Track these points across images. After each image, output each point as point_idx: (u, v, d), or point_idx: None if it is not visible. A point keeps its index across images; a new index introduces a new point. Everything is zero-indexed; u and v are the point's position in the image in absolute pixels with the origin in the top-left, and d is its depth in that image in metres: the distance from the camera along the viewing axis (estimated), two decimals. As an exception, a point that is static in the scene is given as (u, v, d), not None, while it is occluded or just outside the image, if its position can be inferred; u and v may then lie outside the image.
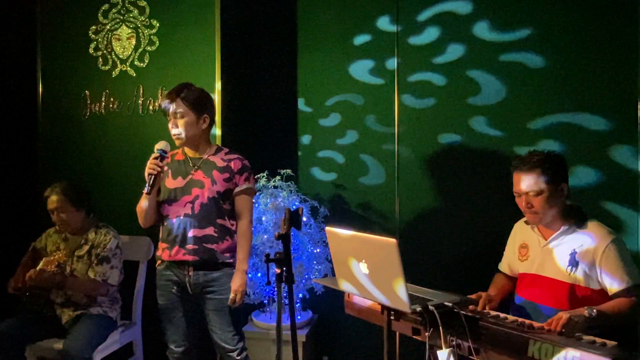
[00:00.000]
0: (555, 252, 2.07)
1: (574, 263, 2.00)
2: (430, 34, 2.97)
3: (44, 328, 2.61)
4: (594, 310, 1.76)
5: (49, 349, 2.56)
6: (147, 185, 2.25)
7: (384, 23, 3.06)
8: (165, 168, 2.40)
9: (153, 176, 2.24)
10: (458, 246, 2.93)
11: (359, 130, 3.14)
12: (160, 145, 2.29)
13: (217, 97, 2.93)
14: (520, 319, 1.78)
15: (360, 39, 3.12)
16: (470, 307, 1.89)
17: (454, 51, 2.92)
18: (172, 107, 2.32)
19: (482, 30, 2.86)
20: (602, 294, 1.97)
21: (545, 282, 2.08)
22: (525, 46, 2.78)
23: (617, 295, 1.92)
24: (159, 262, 2.43)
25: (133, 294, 2.89)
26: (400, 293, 1.62)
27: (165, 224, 2.39)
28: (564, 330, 1.66)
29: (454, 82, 2.93)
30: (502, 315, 1.84)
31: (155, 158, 2.26)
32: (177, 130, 2.33)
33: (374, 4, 3.08)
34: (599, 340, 1.55)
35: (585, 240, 2.00)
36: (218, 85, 2.94)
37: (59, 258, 2.52)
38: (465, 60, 2.90)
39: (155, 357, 2.83)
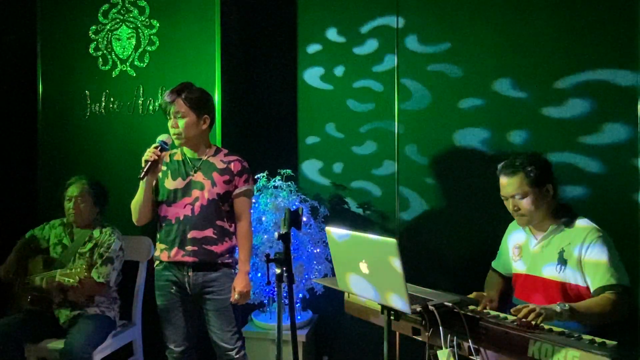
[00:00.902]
0: (545, 252, 2.09)
1: (562, 261, 2.02)
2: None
3: (43, 328, 2.61)
4: (566, 306, 1.78)
5: (48, 349, 2.56)
6: (142, 170, 2.24)
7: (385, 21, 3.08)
8: (164, 168, 2.40)
9: (149, 163, 2.23)
10: (458, 246, 2.93)
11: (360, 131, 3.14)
12: (162, 137, 2.30)
13: (217, 97, 2.93)
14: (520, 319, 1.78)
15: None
16: (471, 307, 1.89)
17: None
18: (172, 107, 2.32)
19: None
20: None
21: (537, 281, 2.10)
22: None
23: (597, 292, 1.92)
24: (157, 262, 2.43)
25: (133, 294, 2.88)
26: (400, 293, 1.62)
27: (164, 224, 2.38)
28: (533, 322, 1.67)
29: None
30: (502, 315, 1.84)
31: (156, 147, 2.26)
32: (177, 130, 2.32)
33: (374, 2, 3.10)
34: (598, 340, 1.55)
35: (573, 238, 2.02)
36: (218, 86, 2.94)
37: (79, 273, 2.47)
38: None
39: (155, 357, 2.83)
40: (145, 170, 2.23)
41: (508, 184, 2.09)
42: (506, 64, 2.84)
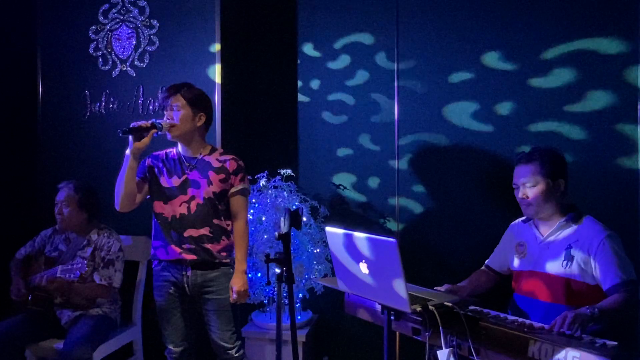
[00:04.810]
0: (551, 248, 2.10)
1: (569, 258, 2.03)
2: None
3: (44, 328, 2.61)
4: (596, 309, 1.77)
5: (49, 349, 2.56)
6: (125, 128, 2.20)
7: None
8: (160, 165, 2.40)
9: (136, 125, 2.21)
10: (458, 246, 2.93)
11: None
12: (160, 120, 2.30)
13: (217, 97, 2.93)
14: (520, 319, 1.78)
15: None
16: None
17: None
18: (170, 101, 2.34)
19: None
20: (598, 289, 1.99)
21: (541, 277, 2.10)
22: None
23: (610, 290, 1.93)
24: (155, 262, 2.43)
25: (133, 294, 2.88)
26: (400, 293, 1.62)
27: (160, 222, 2.39)
28: (569, 330, 1.65)
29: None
30: (502, 315, 1.84)
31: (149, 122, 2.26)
32: (172, 121, 2.33)
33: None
34: (599, 340, 1.55)
35: (580, 235, 2.04)
36: (218, 85, 2.94)
37: (79, 268, 2.47)
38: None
39: (155, 357, 2.83)
40: (129, 128, 2.20)
41: (521, 172, 2.12)
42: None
